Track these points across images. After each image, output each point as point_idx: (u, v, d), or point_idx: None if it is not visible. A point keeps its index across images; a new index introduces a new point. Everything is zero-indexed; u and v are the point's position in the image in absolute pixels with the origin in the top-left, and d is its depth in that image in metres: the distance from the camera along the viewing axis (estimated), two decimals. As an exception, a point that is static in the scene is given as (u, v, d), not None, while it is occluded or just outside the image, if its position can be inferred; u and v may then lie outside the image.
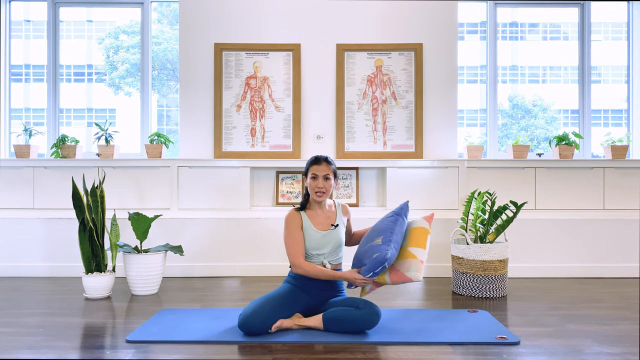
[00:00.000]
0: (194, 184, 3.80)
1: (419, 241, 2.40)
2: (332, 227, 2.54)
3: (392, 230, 2.40)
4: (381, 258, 2.29)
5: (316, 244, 2.49)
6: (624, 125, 4.44)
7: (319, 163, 2.54)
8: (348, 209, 2.70)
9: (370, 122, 3.99)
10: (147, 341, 2.25)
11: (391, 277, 2.38)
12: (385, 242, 2.34)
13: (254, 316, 2.29)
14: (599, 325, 2.51)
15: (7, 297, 3.13)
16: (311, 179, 2.53)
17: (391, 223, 2.44)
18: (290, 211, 2.56)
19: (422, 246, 2.39)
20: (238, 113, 3.98)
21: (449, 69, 4.00)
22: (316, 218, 2.55)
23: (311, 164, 2.55)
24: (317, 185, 2.51)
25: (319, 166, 2.53)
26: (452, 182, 3.81)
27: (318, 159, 2.56)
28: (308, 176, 2.56)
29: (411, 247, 2.40)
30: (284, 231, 2.52)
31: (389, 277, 2.39)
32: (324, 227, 2.54)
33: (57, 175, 3.79)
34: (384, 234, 2.39)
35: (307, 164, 2.59)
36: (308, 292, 2.47)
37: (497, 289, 3.14)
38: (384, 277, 2.41)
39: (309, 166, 2.56)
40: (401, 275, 2.35)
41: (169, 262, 3.64)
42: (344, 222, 2.63)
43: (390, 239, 2.36)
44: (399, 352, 2.13)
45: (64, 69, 4.35)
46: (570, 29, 4.40)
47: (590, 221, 3.79)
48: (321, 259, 2.50)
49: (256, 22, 4.00)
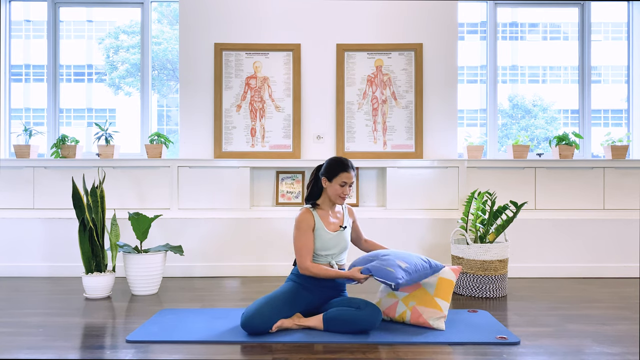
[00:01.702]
0: (194, 184, 3.80)
1: (445, 294, 2.47)
2: (341, 228, 2.57)
3: (418, 271, 2.39)
4: (392, 277, 2.28)
5: (326, 245, 2.51)
6: (624, 125, 4.44)
7: (350, 171, 2.53)
8: (353, 211, 2.73)
9: (370, 122, 3.99)
10: (147, 341, 2.25)
11: (412, 318, 2.45)
12: (406, 272, 2.33)
13: (256, 315, 2.29)
14: (599, 325, 2.51)
15: (7, 297, 3.13)
16: (339, 186, 2.52)
17: (421, 267, 2.42)
18: (303, 211, 2.54)
19: (447, 299, 2.46)
20: (238, 113, 3.98)
21: (449, 69, 4.00)
22: (327, 219, 2.56)
23: (342, 171, 2.51)
24: (344, 192, 2.53)
25: (349, 174, 2.52)
26: (452, 182, 3.81)
27: (348, 166, 2.53)
28: (334, 181, 2.52)
29: (438, 297, 2.46)
30: (295, 231, 2.49)
31: (409, 318, 2.46)
32: (334, 228, 2.55)
33: (57, 175, 3.79)
34: (411, 265, 2.37)
35: (333, 167, 2.53)
36: (311, 291, 2.48)
37: (497, 289, 3.14)
38: (403, 318, 2.48)
39: (338, 172, 2.51)
40: (423, 321, 2.43)
41: (169, 262, 3.64)
42: (350, 224, 2.66)
43: (411, 275, 2.36)
44: (399, 352, 2.13)
45: (64, 69, 4.35)
46: (570, 29, 4.40)
47: (590, 221, 3.79)
48: (329, 259, 2.52)
49: (256, 22, 4.00)
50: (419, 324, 2.43)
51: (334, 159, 2.58)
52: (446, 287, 2.48)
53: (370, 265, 2.37)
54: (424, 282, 2.51)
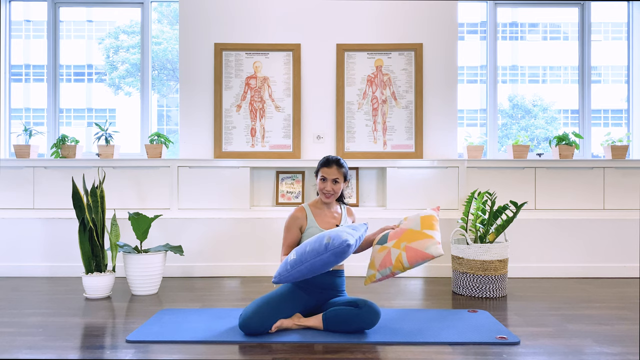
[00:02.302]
0: (194, 184, 3.80)
1: (431, 226, 2.46)
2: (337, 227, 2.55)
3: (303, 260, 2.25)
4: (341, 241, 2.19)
5: None
6: (624, 125, 4.44)
7: (329, 166, 2.54)
8: (353, 212, 2.74)
9: (370, 122, 3.99)
10: (147, 341, 2.25)
11: (409, 257, 2.36)
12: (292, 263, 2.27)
13: (254, 316, 2.29)
14: (599, 325, 2.51)
15: (6, 297, 3.13)
16: (320, 180, 2.55)
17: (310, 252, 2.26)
18: (296, 209, 2.59)
19: (434, 229, 2.45)
20: (238, 113, 3.98)
21: (449, 69, 4.00)
22: (322, 217, 2.58)
23: (322, 166, 2.56)
24: (324, 188, 2.54)
25: (329, 169, 2.53)
26: (452, 182, 3.81)
27: (329, 162, 2.55)
28: (318, 177, 2.57)
29: (425, 229, 2.44)
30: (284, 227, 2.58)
31: (406, 259, 2.36)
32: (328, 227, 2.56)
33: (57, 175, 3.79)
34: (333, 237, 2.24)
35: (318, 163, 2.60)
36: (308, 292, 2.47)
37: (497, 289, 3.14)
38: (400, 262, 2.36)
39: (319, 167, 2.57)
40: (420, 254, 2.34)
41: (169, 262, 3.64)
42: (348, 223, 2.65)
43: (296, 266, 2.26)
44: (399, 352, 2.13)
45: (64, 69, 4.35)
46: (570, 29, 4.40)
47: (590, 221, 3.79)
48: None
49: (256, 22, 4.00)
50: (417, 260, 2.34)
51: (323, 157, 2.63)
52: (429, 221, 2.47)
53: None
54: (408, 224, 2.51)
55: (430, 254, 2.34)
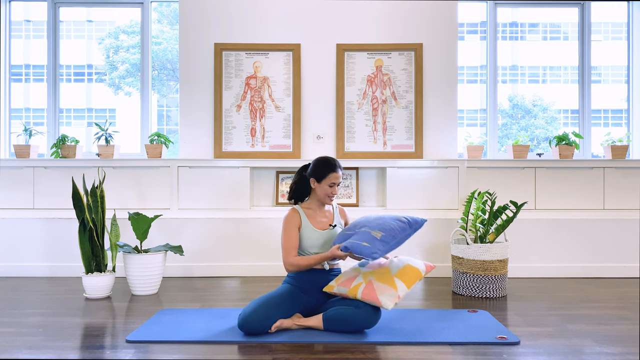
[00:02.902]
0: (194, 184, 3.80)
1: (408, 279, 2.35)
2: (330, 227, 2.58)
3: (395, 236, 2.36)
4: (367, 253, 2.26)
5: (314, 243, 2.52)
6: (624, 125, 4.44)
7: (338, 171, 2.54)
8: (345, 212, 2.74)
9: (370, 122, 3.99)
10: (147, 341, 2.25)
11: (363, 293, 2.31)
12: (382, 242, 2.31)
13: (253, 316, 2.29)
14: (599, 325, 2.51)
15: (6, 297, 3.13)
16: (328, 186, 2.53)
17: (399, 229, 2.38)
18: (290, 210, 2.58)
19: (407, 284, 2.33)
20: (238, 113, 3.98)
21: (449, 69, 4.00)
22: (315, 217, 2.59)
23: (331, 172, 2.52)
24: (333, 192, 2.54)
25: (338, 174, 2.54)
26: (452, 182, 3.81)
27: (336, 167, 2.54)
28: (323, 182, 2.53)
29: (397, 277, 2.34)
30: (282, 230, 2.55)
31: (361, 292, 2.31)
32: (322, 227, 2.57)
33: (57, 175, 3.79)
34: (387, 233, 2.34)
35: (321, 169, 2.54)
36: (307, 292, 2.48)
37: (497, 289, 3.14)
38: (356, 291, 2.33)
39: (326, 173, 2.52)
40: (374, 296, 2.28)
41: (169, 262, 3.64)
42: (341, 223, 2.67)
43: (389, 243, 2.33)
44: (399, 352, 2.13)
45: (64, 69, 4.35)
46: (570, 29, 4.40)
47: (590, 221, 3.79)
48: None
49: (256, 22, 4.00)
50: (367, 299, 2.28)
51: (321, 160, 2.58)
52: (411, 275, 2.36)
53: (348, 243, 2.34)
54: (390, 263, 2.44)
55: (379, 302, 2.26)
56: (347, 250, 2.32)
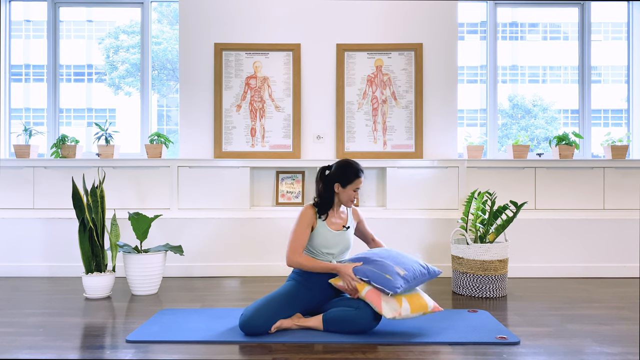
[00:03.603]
0: (194, 184, 3.80)
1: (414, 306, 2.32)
2: (344, 228, 2.59)
3: (416, 278, 2.37)
4: (390, 286, 2.26)
5: (328, 243, 2.52)
6: (624, 125, 4.44)
7: (362, 176, 2.55)
8: (359, 213, 2.75)
9: (370, 122, 3.99)
10: (147, 341, 2.25)
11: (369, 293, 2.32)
12: (404, 279, 2.31)
13: (255, 316, 2.29)
14: (599, 325, 2.51)
15: (7, 297, 3.13)
16: (352, 190, 2.54)
17: (419, 273, 2.39)
18: (307, 206, 2.55)
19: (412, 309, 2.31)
20: (238, 113, 3.98)
21: (449, 69, 4.00)
22: (331, 218, 2.59)
23: (357, 178, 2.52)
24: (355, 196, 2.56)
25: (362, 179, 2.56)
26: (452, 182, 3.81)
27: (361, 171, 2.55)
28: (348, 187, 2.53)
29: (405, 299, 2.33)
30: (295, 224, 2.50)
31: (366, 292, 2.32)
32: (336, 228, 2.58)
33: (57, 175, 3.79)
34: (409, 273, 2.35)
35: (347, 174, 2.52)
36: (311, 289, 2.48)
37: (497, 289, 3.14)
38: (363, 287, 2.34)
39: (352, 179, 2.52)
40: (377, 301, 2.29)
41: (169, 262, 3.64)
42: (354, 225, 2.68)
43: (409, 282, 2.33)
44: (399, 352, 2.13)
45: (64, 69, 4.35)
46: (570, 29, 4.40)
47: (590, 221, 3.79)
48: (330, 258, 2.54)
49: (256, 22, 4.00)
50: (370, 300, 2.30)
51: (346, 165, 2.55)
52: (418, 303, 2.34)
53: (368, 271, 2.34)
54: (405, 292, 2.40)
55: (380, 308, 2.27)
56: (366, 279, 2.31)
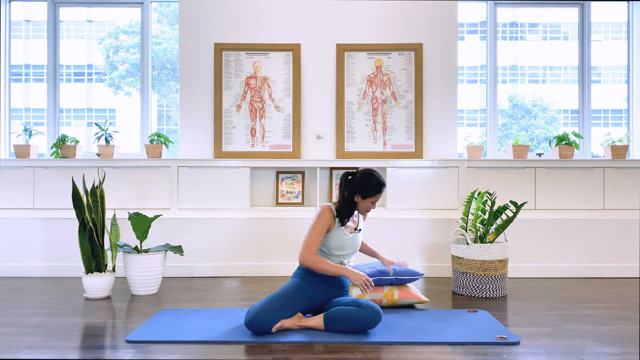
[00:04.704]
0: (194, 184, 3.80)
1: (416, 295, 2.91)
2: (357, 231, 2.64)
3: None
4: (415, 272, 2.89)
5: (342, 245, 2.55)
6: (624, 125, 4.44)
7: (383, 191, 2.58)
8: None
9: (370, 122, 3.99)
10: (147, 341, 2.25)
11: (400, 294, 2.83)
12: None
13: (260, 314, 2.30)
14: (599, 325, 2.51)
15: (7, 297, 3.13)
16: (371, 203, 2.57)
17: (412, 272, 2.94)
18: (326, 208, 2.53)
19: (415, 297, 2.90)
20: (238, 113, 3.98)
21: (449, 69, 4.00)
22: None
23: (379, 192, 2.55)
24: (372, 208, 2.62)
25: (382, 194, 2.59)
26: (452, 182, 3.81)
27: (383, 187, 2.56)
28: (368, 199, 2.55)
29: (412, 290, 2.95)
30: (314, 222, 2.50)
31: (398, 294, 2.82)
32: (350, 230, 2.62)
33: (57, 175, 3.79)
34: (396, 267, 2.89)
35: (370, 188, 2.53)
36: (316, 286, 2.48)
37: (497, 289, 3.14)
38: (392, 292, 2.82)
39: (375, 193, 2.54)
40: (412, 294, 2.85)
41: (169, 262, 3.64)
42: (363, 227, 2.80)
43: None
44: (399, 352, 2.13)
45: (64, 69, 4.35)
46: (570, 29, 4.40)
47: (590, 221, 3.79)
48: (341, 259, 2.58)
49: (256, 22, 4.00)
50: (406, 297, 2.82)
51: (371, 178, 2.55)
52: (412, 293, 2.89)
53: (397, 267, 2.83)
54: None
55: (419, 297, 2.86)
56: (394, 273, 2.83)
